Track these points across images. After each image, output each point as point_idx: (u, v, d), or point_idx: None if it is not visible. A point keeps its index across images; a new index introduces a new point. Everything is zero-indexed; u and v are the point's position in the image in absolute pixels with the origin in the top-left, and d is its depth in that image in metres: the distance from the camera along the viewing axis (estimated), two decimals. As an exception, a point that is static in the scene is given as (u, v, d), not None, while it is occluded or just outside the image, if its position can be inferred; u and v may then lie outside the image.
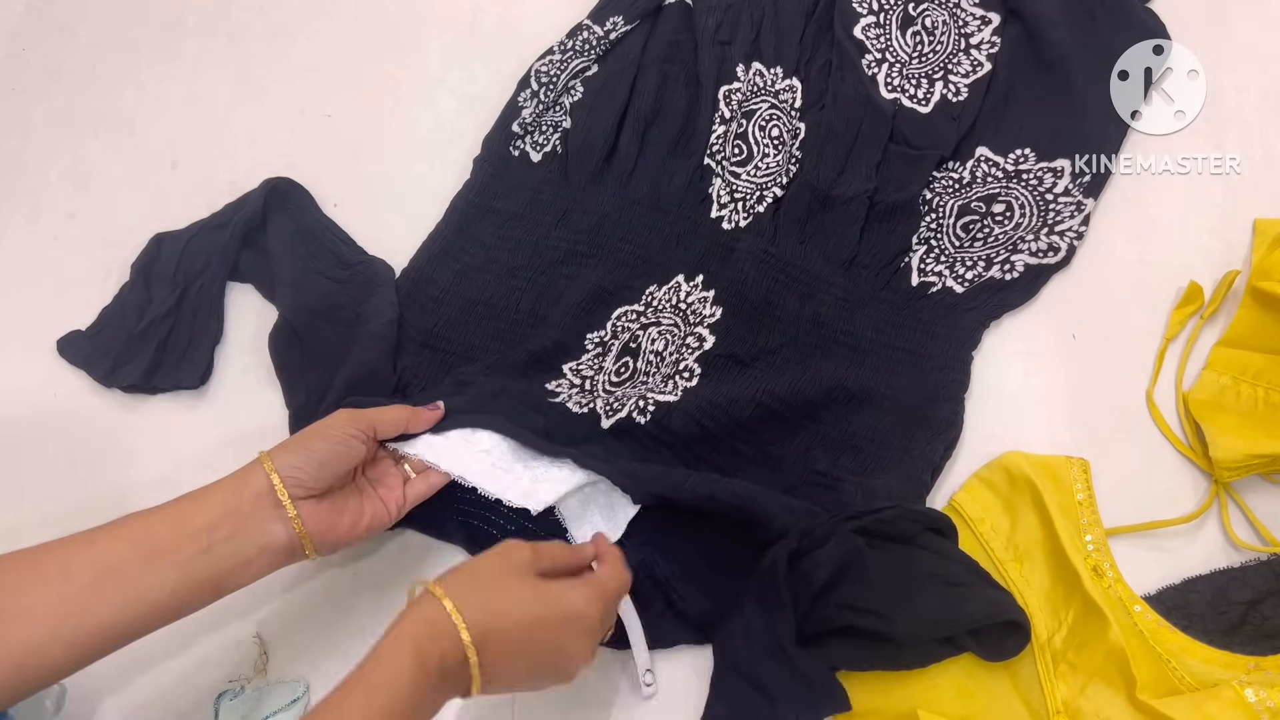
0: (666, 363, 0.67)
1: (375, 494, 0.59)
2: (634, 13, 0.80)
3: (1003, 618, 0.53)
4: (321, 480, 0.55)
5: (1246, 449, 0.59)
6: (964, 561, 0.56)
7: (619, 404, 0.65)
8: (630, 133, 0.75)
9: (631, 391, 0.65)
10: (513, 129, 0.78)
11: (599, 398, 0.66)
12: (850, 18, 0.77)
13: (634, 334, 0.68)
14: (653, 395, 0.65)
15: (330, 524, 0.55)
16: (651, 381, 0.66)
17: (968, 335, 0.67)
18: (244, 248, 0.76)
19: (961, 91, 0.74)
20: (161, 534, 0.50)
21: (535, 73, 0.80)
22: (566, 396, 0.66)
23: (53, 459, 0.72)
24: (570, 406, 0.65)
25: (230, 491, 0.53)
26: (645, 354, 0.67)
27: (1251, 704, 0.50)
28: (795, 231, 0.70)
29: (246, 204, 0.76)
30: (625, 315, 0.70)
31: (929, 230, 0.70)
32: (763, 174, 0.73)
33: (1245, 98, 0.73)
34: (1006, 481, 0.61)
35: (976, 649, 0.55)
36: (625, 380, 0.67)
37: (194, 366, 0.72)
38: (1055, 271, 0.68)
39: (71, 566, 0.48)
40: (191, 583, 0.50)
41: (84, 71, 0.89)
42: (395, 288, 0.73)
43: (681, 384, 0.65)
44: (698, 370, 0.66)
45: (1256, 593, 0.57)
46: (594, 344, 0.69)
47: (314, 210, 0.77)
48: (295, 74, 0.86)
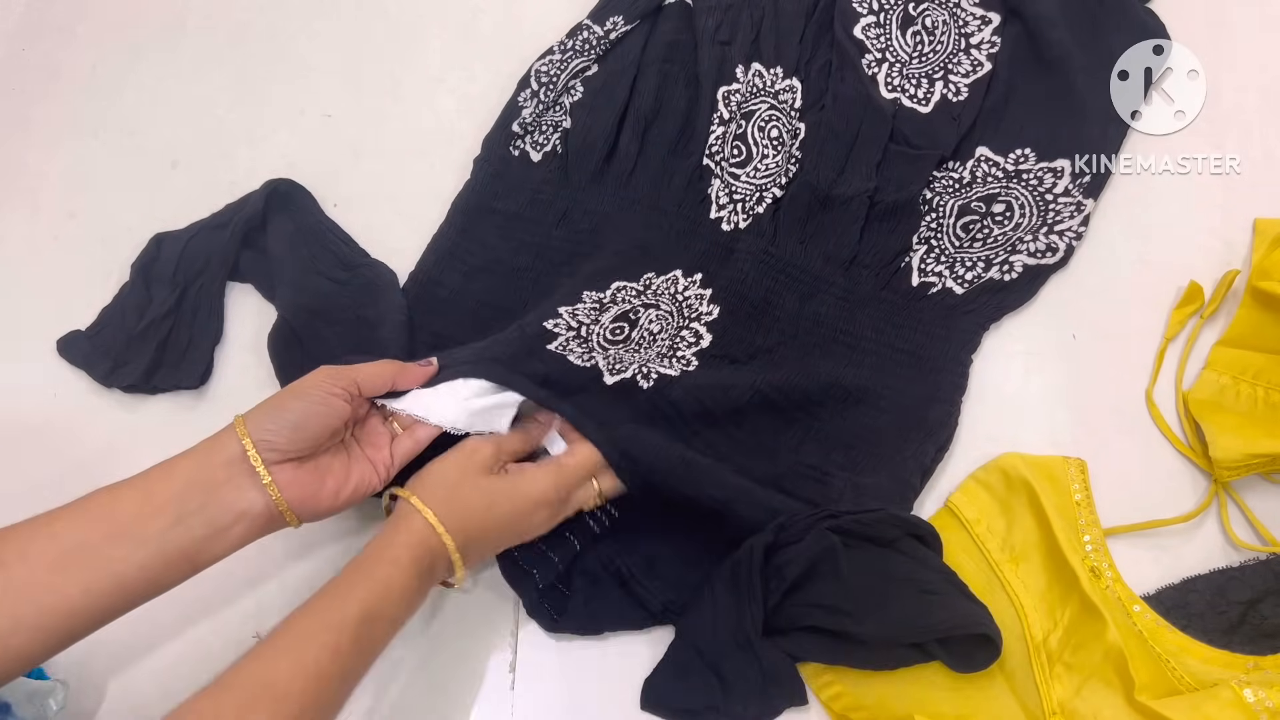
0: (661, 344, 0.66)
1: (363, 456, 0.57)
2: (634, 13, 0.80)
3: (973, 630, 0.53)
4: (298, 442, 0.52)
5: (1246, 448, 0.59)
6: (941, 570, 0.56)
7: (621, 365, 0.64)
8: (630, 132, 0.75)
9: (630, 357, 0.65)
10: (513, 129, 0.78)
11: (597, 353, 0.65)
12: (850, 18, 0.77)
13: (634, 307, 0.68)
14: (653, 366, 0.65)
15: (312, 490, 0.53)
16: (648, 354, 0.66)
17: (967, 338, 0.67)
18: (244, 248, 0.76)
19: (962, 91, 0.74)
20: (127, 508, 0.48)
21: (535, 73, 0.80)
22: (565, 342, 0.65)
23: (52, 459, 0.72)
24: (571, 358, 0.64)
25: (201, 458, 0.51)
26: (642, 328, 0.67)
27: (1250, 704, 0.50)
28: (795, 231, 0.70)
29: (247, 204, 0.76)
30: (625, 290, 0.69)
31: (929, 230, 0.70)
32: (762, 175, 0.73)
33: (1245, 98, 0.73)
34: (1003, 483, 0.61)
35: (945, 658, 0.54)
36: (620, 342, 0.66)
37: (194, 366, 0.72)
38: (1054, 272, 0.68)
39: (29, 549, 0.46)
40: (163, 557, 0.48)
41: (84, 71, 0.89)
42: (404, 291, 0.73)
43: (679, 367, 0.65)
44: (695, 363, 0.66)
45: (1255, 592, 0.57)
46: (591, 299, 0.69)
47: (316, 211, 0.77)
48: (295, 74, 0.86)
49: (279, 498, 0.51)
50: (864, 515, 0.56)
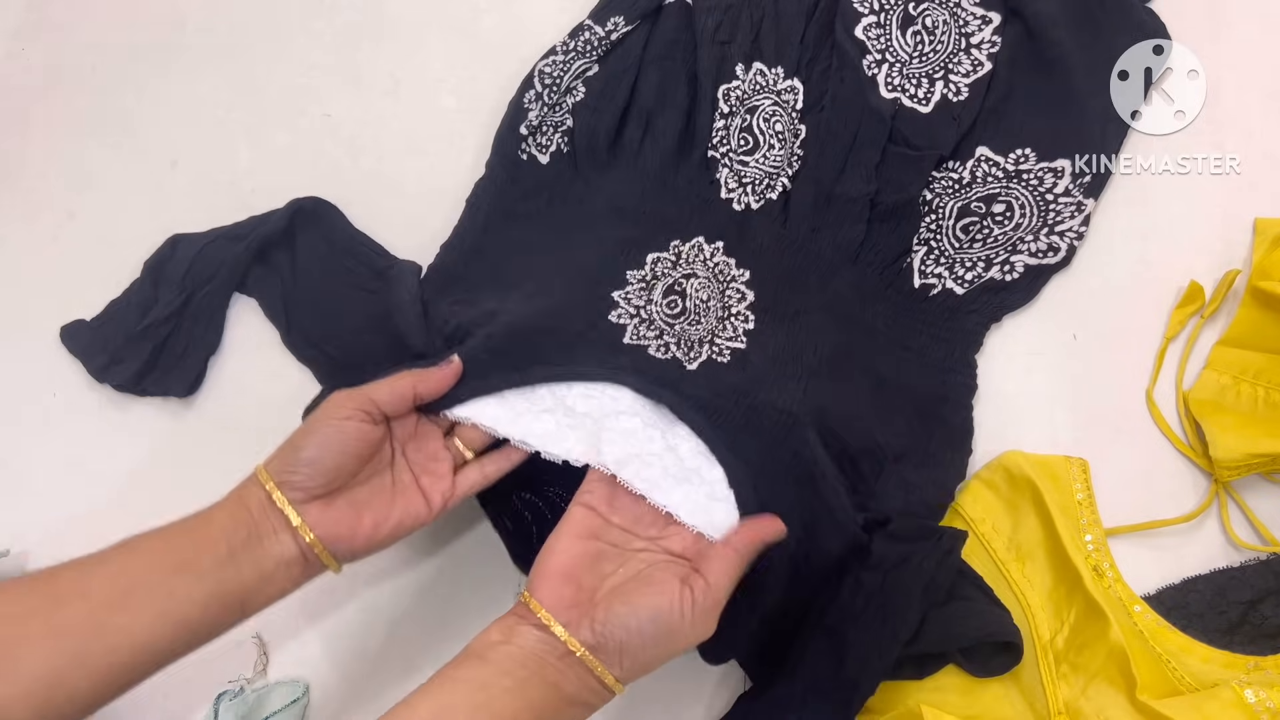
0: (714, 309, 0.67)
1: (415, 484, 0.53)
2: (634, 13, 0.80)
3: (1001, 638, 0.53)
4: (318, 477, 0.49)
5: (1247, 448, 0.59)
6: (970, 576, 0.56)
7: (691, 345, 0.65)
8: (634, 125, 0.75)
9: (694, 331, 0.65)
10: (520, 131, 0.78)
11: (667, 337, 0.65)
12: (851, 18, 0.76)
13: (675, 280, 0.69)
14: (721, 341, 0.65)
15: (347, 527, 0.49)
16: (707, 323, 0.66)
17: (971, 338, 0.67)
18: (256, 263, 0.75)
19: (962, 91, 0.74)
20: (180, 546, 0.46)
21: (539, 73, 0.80)
22: (635, 330, 0.64)
23: (52, 459, 0.72)
24: (651, 350, 0.63)
25: (234, 506, 0.49)
26: (692, 297, 0.67)
27: (1251, 704, 0.50)
28: (806, 219, 0.71)
29: (270, 220, 0.76)
30: (660, 261, 0.70)
31: (929, 231, 0.70)
32: (770, 163, 0.73)
33: (1245, 98, 0.73)
34: (1007, 481, 0.61)
35: (964, 664, 0.54)
36: (679, 317, 0.66)
37: (185, 375, 0.72)
38: (1055, 271, 0.68)
39: (90, 586, 0.44)
40: (220, 596, 0.46)
41: (84, 71, 0.89)
42: (425, 282, 0.72)
43: (741, 325, 0.66)
44: (751, 316, 0.66)
45: (1256, 592, 0.57)
46: (636, 279, 0.69)
47: (346, 225, 0.77)
48: (295, 74, 0.86)
49: (312, 539, 0.48)
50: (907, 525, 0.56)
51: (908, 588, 0.51)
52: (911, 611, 0.51)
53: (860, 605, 0.52)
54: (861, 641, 0.51)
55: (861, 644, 0.51)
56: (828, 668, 0.51)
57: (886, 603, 0.51)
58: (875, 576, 0.53)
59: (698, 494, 0.54)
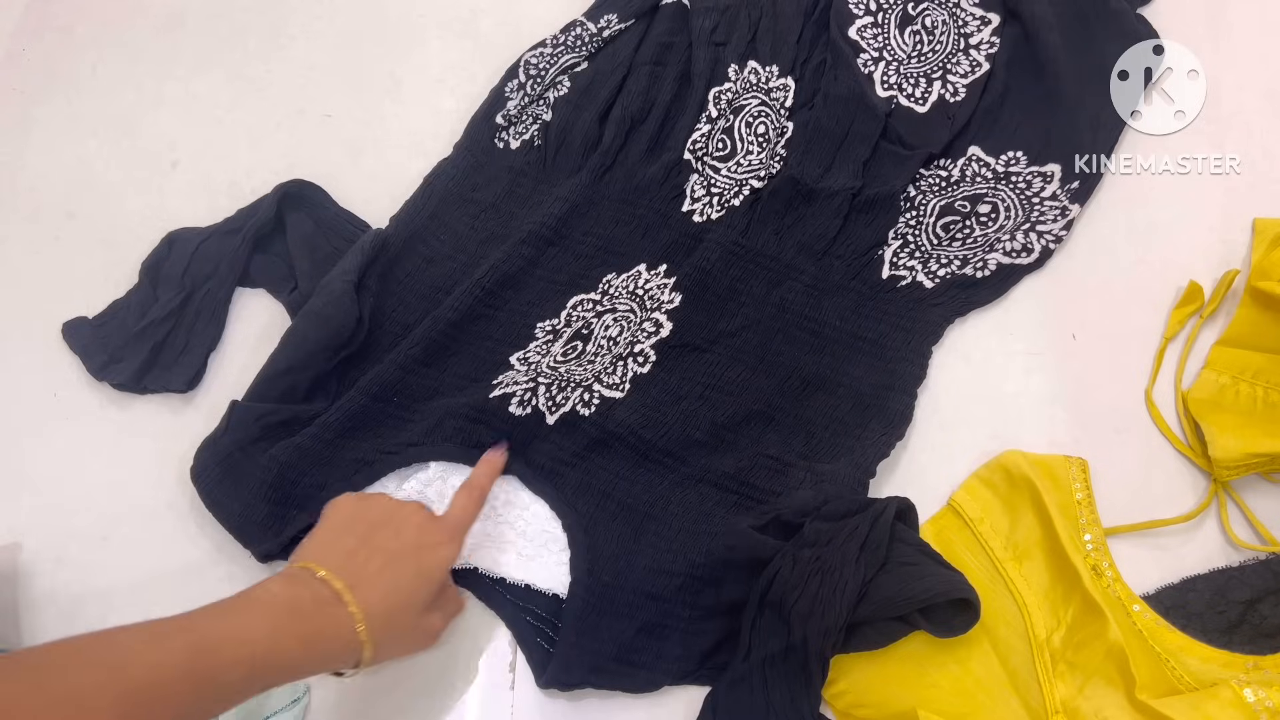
0: (620, 345, 0.67)
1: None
2: (629, 11, 0.80)
3: (955, 595, 0.53)
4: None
5: (1246, 448, 0.59)
6: (914, 542, 0.56)
7: (562, 396, 0.65)
8: (614, 129, 0.75)
9: (577, 374, 0.65)
10: (497, 120, 0.78)
11: (540, 386, 0.65)
12: (846, 19, 0.77)
13: (588, 322, 0.69)
14: (598, 389, 0.65)
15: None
16: (599, 364, 0.66)
17: (931, 329, 0.67)
18: (255, 252, 0.75)
19: (960, 92, 0.74)
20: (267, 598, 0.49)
21: (525, 63, 0.80)
22: (508, 394, 0.65)
23: (52, 458, 0.72)
24: (512, 409, 0.64)
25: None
26: (597, 339, 0.67)
27: (1250, 703, 0.50)
28: (772, 223, 0.70)
29: (260, 209, 0.76)
30: (581, 304, 0.70)
31: (907, 226, 0.70)
32: (744, 170, 0.73)
33: (1245, 98, 0.73)
34: (1005, 481, 0.61)
35: (928, 626, 0.55)
36: (571, 359, 0.67)
37: (185, 370, 0.72)
38: (1027, 273, 0.68)
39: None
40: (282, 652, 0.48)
41: (84, 71, 0.89)
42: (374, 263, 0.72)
43: (634, 368, 0.66)
44: (652, 356, 0.66)
45: (1255, 592, 0.57)
46: (544, 331, 0.69)
47: (331, 204, 0.77)
48: (295, 74, 0.86)
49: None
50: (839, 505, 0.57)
51: (843, 550, 0.54)
52: (848, 568, 0.54)
53: (799, 576, 0.55)
54: (803, 602, 0.54)
55: (804, 604, 0.54)
56: (776, 637, 0.55)
57: (823, 568, 0.54)
58: (810, 552, 0.55)
59: (549, 561, 0.62)
